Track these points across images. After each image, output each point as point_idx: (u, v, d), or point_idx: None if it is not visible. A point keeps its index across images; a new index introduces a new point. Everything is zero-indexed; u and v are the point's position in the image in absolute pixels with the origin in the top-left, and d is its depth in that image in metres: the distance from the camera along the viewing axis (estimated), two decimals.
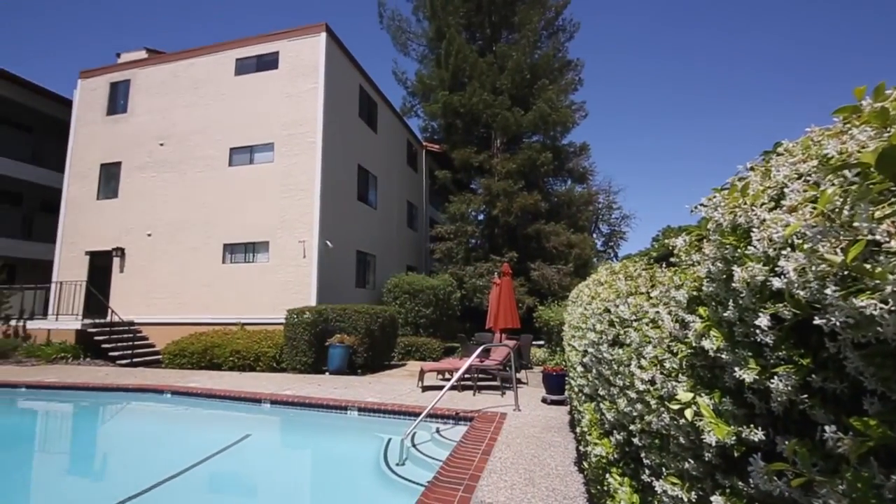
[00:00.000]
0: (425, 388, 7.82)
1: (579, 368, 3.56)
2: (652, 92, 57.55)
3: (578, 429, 3.66)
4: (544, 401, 6.68)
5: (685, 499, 1.30)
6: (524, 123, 17.92)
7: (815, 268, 0.79)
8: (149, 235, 14.00)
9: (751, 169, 1.21)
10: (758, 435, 0.99)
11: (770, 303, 0.93)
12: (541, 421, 5.60)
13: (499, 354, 8.40)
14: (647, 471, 1.65)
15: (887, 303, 0.67)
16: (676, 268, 1.61)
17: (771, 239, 0.93)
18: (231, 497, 4.63)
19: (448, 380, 8.11)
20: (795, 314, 0.87)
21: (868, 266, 0.71)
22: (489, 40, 20.23)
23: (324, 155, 13.00)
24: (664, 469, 1.48)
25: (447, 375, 8.64)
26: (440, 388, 6.61)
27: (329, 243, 12.95)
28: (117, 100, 15.46)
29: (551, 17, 20.02)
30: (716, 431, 1.08)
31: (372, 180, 16.61)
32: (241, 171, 13.61)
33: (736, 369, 1.02)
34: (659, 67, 56.14)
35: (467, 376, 7.68)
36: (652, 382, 1.53)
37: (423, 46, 21.68)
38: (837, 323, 0.75)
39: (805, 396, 0.88)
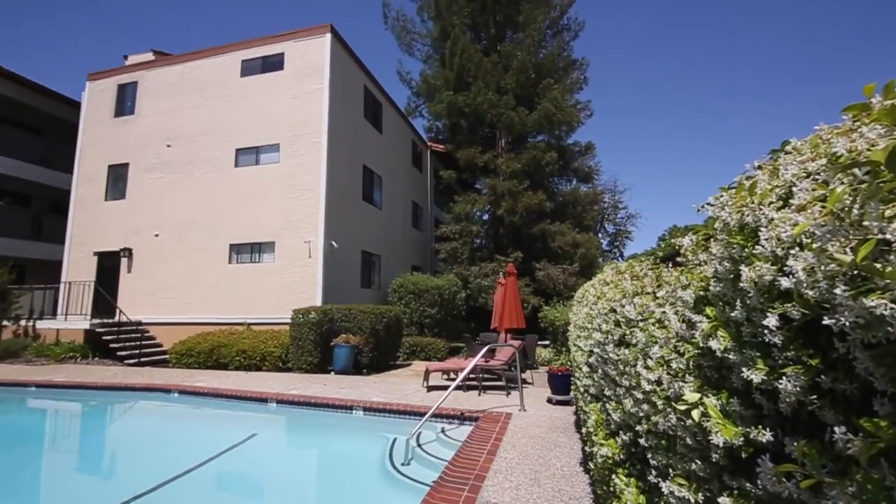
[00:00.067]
0: (430, 388, 7.83)
1: (585, 369, 3.55)
2: (657, 91, 57.25)
3: (584, 429, 3.65)
4: (550, 401, 6.66)
5: (692, 500, 1.29)
6: (529, 123, 17.87)
7: (825, 267, 0.79)
8: (156, 236, 14.12)
9: (758, 168, 1.20)
10: (766, 436, 0.98)
11: (778, 303, 0.93)
12: (546, 421, 5.58)
13: (504, 354, 8.39)
14: (654, 472, 1.64)
15: None
16: (683, 267, 1.60)
17: (779, 238, 0.92)
18: (237, 496, 4.65)
19: (453, 380, 8.10)
20: (804, 314, 0.86)
21: (878, 265, 0.70)
22: (494, 40, 20.19)
23: (329, 155, 13.05)
24: (671, 470, 1.48)
25: (452, 375, 8.64)
26: (445, 388, 6.60)
27: (334, 243, 12.99)
28: (125, 101, 15.60)
29: (556, 16, 19.95)
30: (723, 432, 1.07)
31: (377, 180, 16.64)
32: (247, 172, 13.69)
33: (744, 370, 1.02)
34: (664, 67, 55.86)
35: (472, 376, 7.69)
36: (658, 383, 1.53)
37: (428, 46, 21.69)
38: (847, 323, 0.74)
39: (814, 397, 0.87)
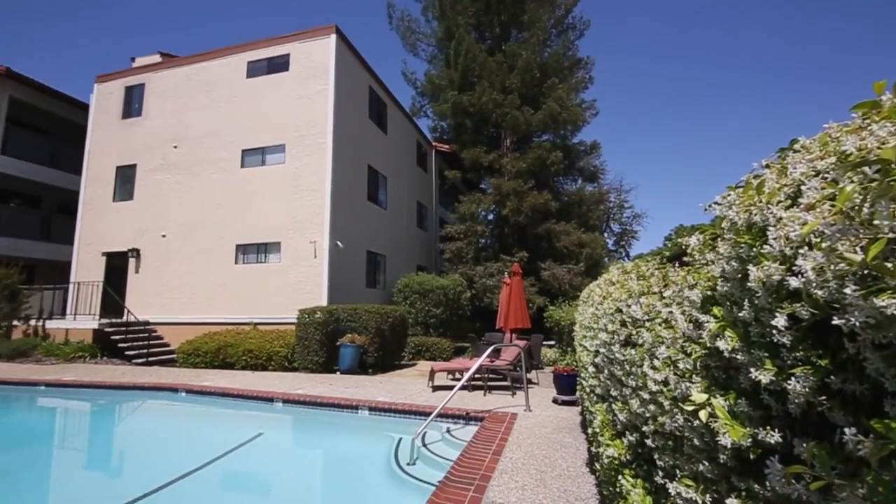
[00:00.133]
0: (436, 388, 7.84)
1: (591, 369, 3.53)
2: (663, 90, 56.95)
3: (590, 429, 3.63)
4: (555, 401, 6.65)
5: (700, 501, 1.28)
6: (534, 122, 17.82)
7: (834, 267, 0.78)
8: (163, 236, 14.24)
9: (766, 166, 1.19)
10: (774, 437, 0.98)
11: (787, 303, 0.92)
12: (552, 421, 5.57)
13: (509, 354, 8.38)
14: (661, 472, 1.64)
15: None
16: (690, 267, 1.59)
17: (788, 237, 0.91)
18: (244, 494, 4.68)
19: (458, 380, 8.11)
20: (813, 314, 0.86)
21: (889, 265, 0.69)
22: (498, 39, 20.16)
23: (334, 156, 13.09)
24: (678, 471, 1.47)
25: (457, 375, 8.65)
26: (450, 388, 6.61)
27: (340, 244, 13.03)
28: (132, 103, 15.74)
29: (561, 15, 19.89)
30: (731, 433, 1.06)
31: (382, 181, 16.68)
32: (253, 173, 13.77)
33: (752, 370, 1.01)
34: (671, 66, 55.51)
35: (478, 376, 7.68)
36: (665, 383, 1.52)
37: (433, 46, 21.69)
38: (857, 323, 0.74)
39: (823, 398, 0.86)
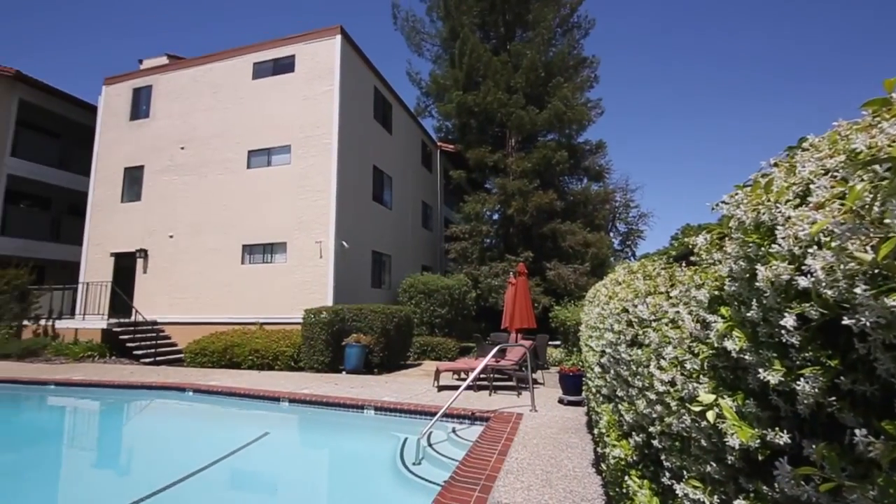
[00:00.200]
0: (441, 388, 7.84)
1: (597, 369, 3.52)
2: (670, 90, 56.57)
3: (596, 430, 3.62)
4: (561, 401, 6.63)
5: (707, 502, 1.27)
6: (539, 122, 17.78)
7: (844, 266, 0.77)
8: (171, 237, 14.35)
9: (774, 165, 1.18)
10: (783, 438, 0.97)
11: (796, 302, 0.91)
12: (557, 422, 5.55)
13: (515, 355, 8.36)
14: (668, 473, 1.63)
15: None
16: (697, 267, 1.57)
17: (797, 237, 0.90)
18: (250, 493, 4.71)
19: (464, 380, 8.10)
20: (823, 314, 0.85)
21: None
22: (503, 39, 20.14)
23: (339, 156, 13.13)
24: (685, 472, 1.46)
25: (463, 375, 8.64)
26: (456, 388, 6.60)
27: (345, 244, 13.07)
28: (140, 105, 15.89)
29: (566, 14, 19.82)
30: (739, 434, 1.05)
31: (387, 181, 16.71)
32: (259, 174, 13.85)
33: (760, 371, 1.00)
34: (678, 66, 55.17)
35: (483, 376, 7.67)
36: (672, 384, 1.51)
37: (437, 46, 21.70)
38: (868, 323, 0.73)
39: (833, 399, 0.85)
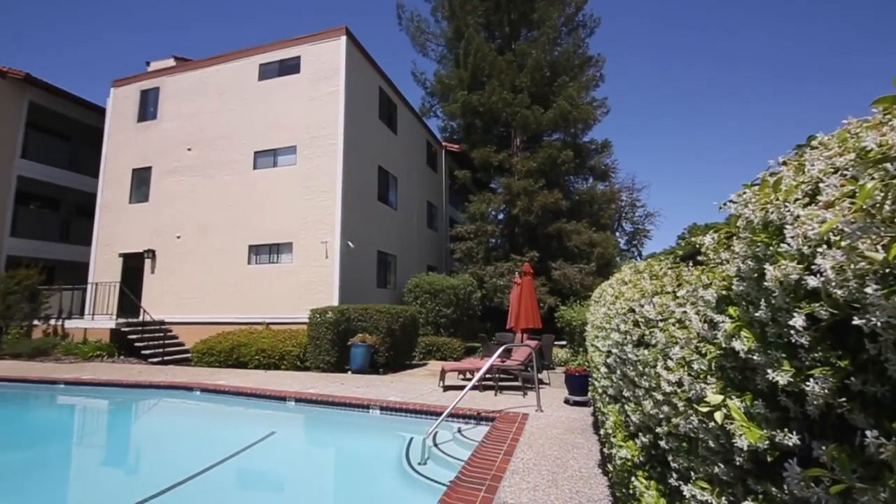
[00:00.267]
0: (446, 388, 7.84)
1: (603, 369, 3.50)
2: (676, 89, 56.13)
3: (602, 430, 3.60)
4: (567, 402, 6.60)
5: None
6: (544, 121, 17.73)
7: (855, 266, 0.76)
8: (178, 237, 14.46)
9: (783, 163, 1.17)
10: (792, 439, 0.96)
11: (805, 302, 0.90)
12: (563, 422, 5.53)
13: (520, 355, 8.35)
14: (675, 474, 1.62)
15: None
16: (704, 266, 1.56)
17: (806, 236, 0.90)
18: (257, 492, 4.73)
19: (469, 380, 8.11)
20: (833, 314, 0.84)
21: None
22: (508, 38, 20.10)
23: (345, 157, 13.18)
24: (693, 473, 1.45)
25: (468, 375, 8.64)
26: (461, 388, 6.60)
27: (350, 244, 13.11)
28: (147, 107, 16.02)
29: (571, 13, 19.76)
30: (748, 435, 1.05)
31: (392, 181, 16.73)
32: (265, 174, 13.92)
33: (769, 371, 0.99)
34: (685, 65, 54.71)
35: (489, 376, 7.66)
36: (679, 384, 1.50)
37: (442, 46, 21.71)
38: (878, 323, 0.72)
39: (843, 400, 0.84)
